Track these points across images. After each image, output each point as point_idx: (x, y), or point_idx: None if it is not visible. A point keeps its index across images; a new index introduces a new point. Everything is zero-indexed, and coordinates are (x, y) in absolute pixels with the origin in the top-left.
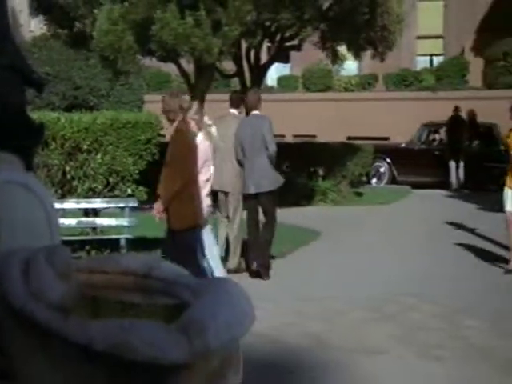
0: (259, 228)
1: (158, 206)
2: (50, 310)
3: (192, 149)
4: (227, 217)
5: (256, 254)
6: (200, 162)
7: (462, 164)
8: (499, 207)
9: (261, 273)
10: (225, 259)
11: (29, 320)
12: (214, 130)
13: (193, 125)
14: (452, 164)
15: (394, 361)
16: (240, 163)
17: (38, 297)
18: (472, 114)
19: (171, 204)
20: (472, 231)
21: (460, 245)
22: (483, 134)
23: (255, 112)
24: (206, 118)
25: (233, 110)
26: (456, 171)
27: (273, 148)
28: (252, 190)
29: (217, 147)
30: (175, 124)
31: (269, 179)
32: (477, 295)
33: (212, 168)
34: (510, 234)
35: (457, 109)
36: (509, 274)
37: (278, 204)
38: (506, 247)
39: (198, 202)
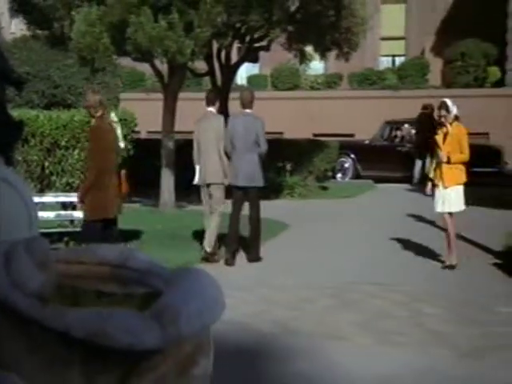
0: (239, 221)
1: (78, 196)
2: (30, 299)
3: (105, 144)
4: (210, 207)
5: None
6: None
7: (428, 159)
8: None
9: (254, 258)
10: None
11: (12, 310)
12: (119, 128)
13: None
14: (417, 161)
15: (356, 347)
16: (228, 156)
17: (18, 286)
18: (430, 108)
19: (87, 195)
20: (431, 223)
21: (420, 236)
22: None
23: (248, 111)
24: (112, 115)
25: (210, 108)
26: (422, 167)
27: (265, 147)
28: (241, 183)
29: (199, 144)
30: (94, 120)
31: (259, 175)
32: (436, 284)
33: (197, 167)
34: (448, 233)
35: (426, 107)
36: (446, 270)
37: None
38: (462, 237)
39: (109, 194)
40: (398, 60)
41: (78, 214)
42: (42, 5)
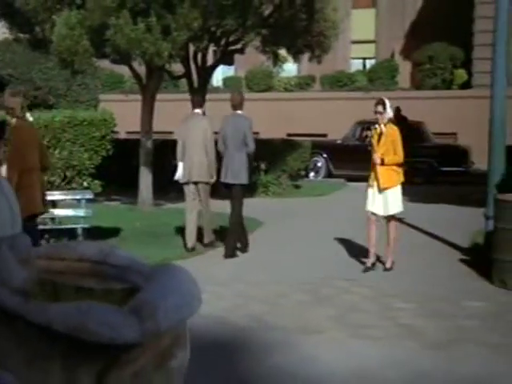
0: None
1: None
2: (14, 295)
3: (26, 144)
4: (202, 204)
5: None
6: None
7: None
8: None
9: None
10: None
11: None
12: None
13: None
14: None
15: (329, 340)
16: (220, 155)
17: (4, 283)
18: (397, 110)
19: None
20: (399, 220)
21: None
22: (411, 130)
23: (239, 112)
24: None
25: (197, 110)
26: None
27: (253, 146)
28: (230, 181)
29: (184, 143)
30: (14, 120)
31: (243, 173)
32: (406, 280)
33: (181, 164)
34: (368, 234)
35: (397, 109)
36: (367, 272)
37: (224, 196)
38: (430, 234)
39: (32, 193)
40: (369, 62)
41: (59, 212)
42: (24, 9)
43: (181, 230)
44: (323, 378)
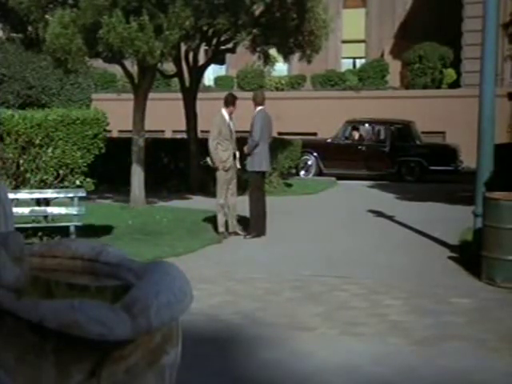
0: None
1: None
2: (5, 291)
3: None
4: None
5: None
6: None
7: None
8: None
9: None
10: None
11: None
12: None
13: None
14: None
15: (319, 337)
16: (257, 145)
17: None
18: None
19: None
20: (390, 218)
21: (379, 230)
22: (401, 130)
23: (262, 107)
24: None
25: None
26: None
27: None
28: (266, 168)
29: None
30: None
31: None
32: (395, 277)
33: (227, 154)
34: None
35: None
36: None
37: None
38: (420, 231)
39: None
40: (359, 62)
41: (52, 210)
42: (18, 8)
43: (172, 228)
44: (313, 374)
